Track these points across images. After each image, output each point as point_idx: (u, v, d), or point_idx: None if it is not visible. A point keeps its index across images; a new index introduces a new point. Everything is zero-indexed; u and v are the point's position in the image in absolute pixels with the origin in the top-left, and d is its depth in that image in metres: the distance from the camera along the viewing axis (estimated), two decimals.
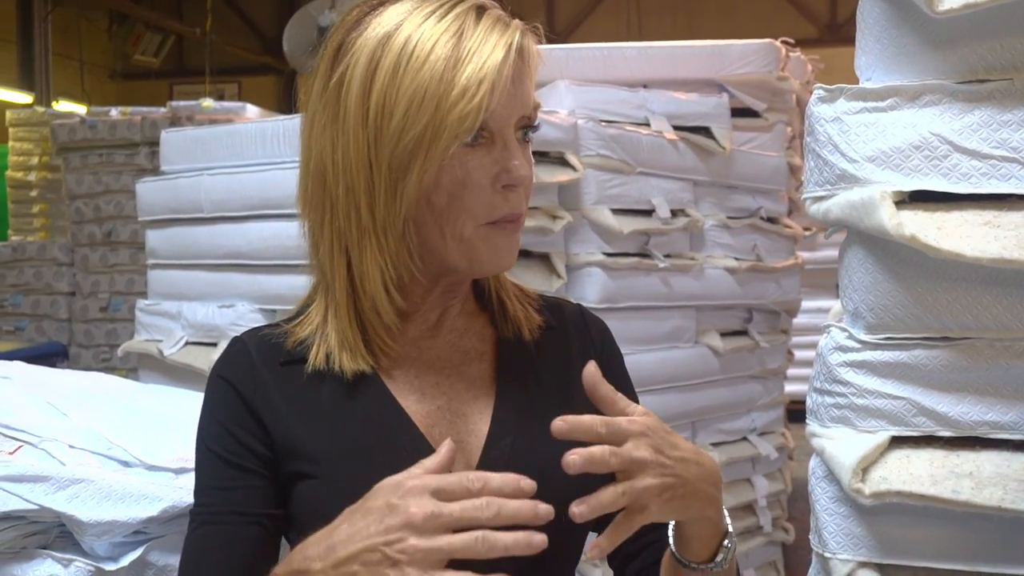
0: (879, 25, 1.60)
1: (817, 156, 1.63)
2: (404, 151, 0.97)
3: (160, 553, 1.84)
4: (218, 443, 1.07)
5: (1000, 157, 1.49)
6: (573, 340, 1.18)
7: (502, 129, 1.00)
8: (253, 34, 13.48)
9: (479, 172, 1.00)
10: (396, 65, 0.97)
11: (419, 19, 0.98)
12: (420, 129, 0.96)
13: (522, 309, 1.15)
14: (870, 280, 1.60)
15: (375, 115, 0.98)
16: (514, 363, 1.12)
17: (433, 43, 0.96)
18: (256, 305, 3.27)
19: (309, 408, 1.05)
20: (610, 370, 1.13)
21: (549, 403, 1.09)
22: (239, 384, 1.07)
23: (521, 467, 1.00)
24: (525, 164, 1.02)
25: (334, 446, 1.04)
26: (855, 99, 1.59)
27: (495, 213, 1.01)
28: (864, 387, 1.59)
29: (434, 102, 0.95)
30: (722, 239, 3.32)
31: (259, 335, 1.11)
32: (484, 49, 0.96)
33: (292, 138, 3.19)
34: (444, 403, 1.08)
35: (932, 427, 1.57)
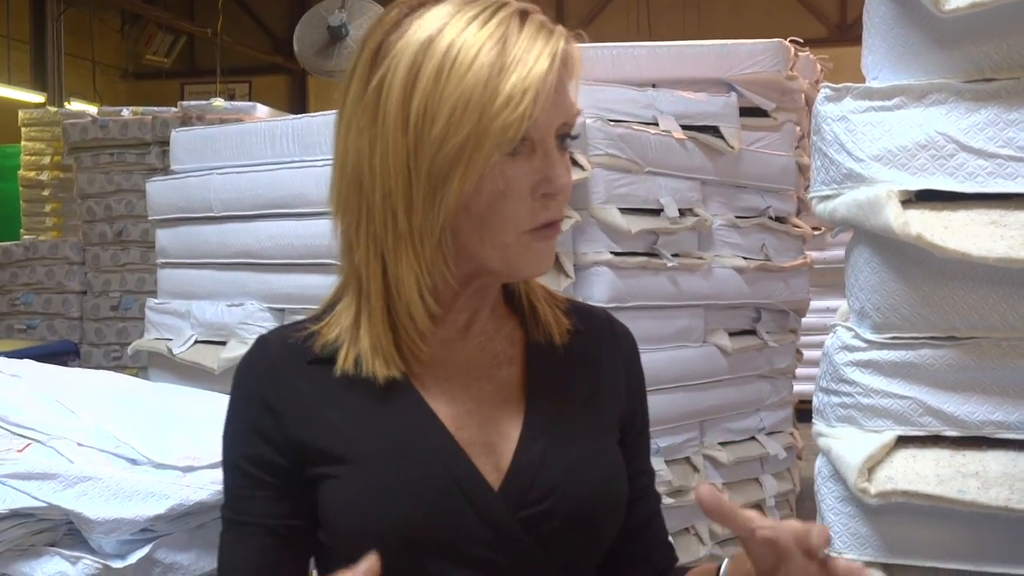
0: (885, 24, 1.60)
1: (823, 155, 1.63)
2: (445, 159, 0.95)
3: (167, 551, 1.85)
4: (237, 451, 1.06)
5: (1006, 156, 1.49)
6: (602, 346, 1.16)
7: (544, 138, 0.98)
8: (264, 34, 13.50)
9: (520, 181, 0.98)
10: (439, 70, 0.94)
11: (462, 24, 0.95)
12: (463, 137, 0.94)
13: (552, 313, 1.13)
14: (876, 279, 1.59)
15: (416, 121, 0.95)
16: (544, 367, 1.11)
17: (478, 49, 0.94)
18: (265, 304, 3.28)
19: (337, 410, 1.04)
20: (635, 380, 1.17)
21: (579, 410, 1.09)
22: (261, 386, 1.05)
23: (551, 471, 1.03)
24: (565, 172, 1.00)
25: (363, 448, 1.02)
26: (861, 98, 1.59)
27: (535, 221, 0.99)
28: (870, 386, 1.59)
29: (478, 110, 0.93)
30: (730, 238, 3.31)
31: (285, 334, 1.09)
32: (529, 57, 0.94)
33: (301, 138, 3.20)
34: (473, 406, 1.07)
35: (938, 427, 1.57)
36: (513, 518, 1.01)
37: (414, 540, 0.99)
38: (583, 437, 1.08)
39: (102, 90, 12.03)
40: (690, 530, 3.15)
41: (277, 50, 12.95)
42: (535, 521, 1.01)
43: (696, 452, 3.16)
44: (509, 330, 1.12)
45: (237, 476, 1.06)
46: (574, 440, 1.06)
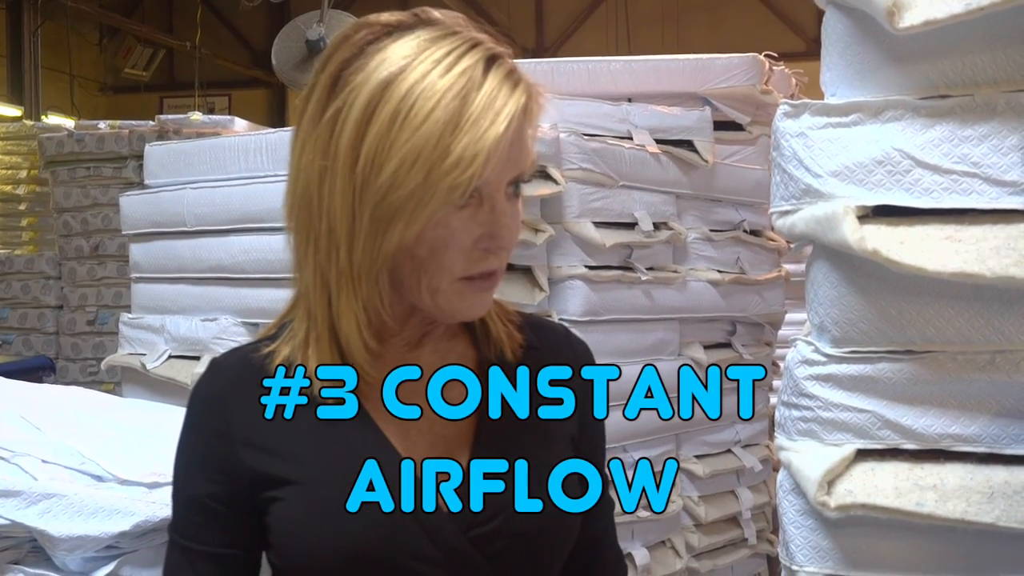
0: (842, 41, 1.62)
1: (783, 171, 1.65)
2: (389, 207, 0.95)
3: (132, 568, 1.85)
4: (189, 479, 1.08)
5: (961, 172, 1.51)
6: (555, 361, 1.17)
7: (492, 193, 0.98)
8: (243, 48, 13.50)
9: (463, 233, 0.97)
10: (394, 117, 0.93)
11: (425, 67, 0.94)
12: (408, 191, 0.93)
13: (504, 330, 1.14)
14: (835, 294, 1.61)
15: (364, 165, 0.95)
16: (497, 379, 1.11)
17: (435, 102, 0.92)
18: (239, 319, 3.28)
19: (287, 431, 1.05)
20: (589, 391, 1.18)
21: (531, 420, 1.10)
22: (212, 414, 1.06)
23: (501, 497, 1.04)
24: (511, 227, 1.00)
25: (311, 469, 1.04)
26: (819, 114, 1.61)
27: (472, 270, 0.99)
28: (830, 400, 1.61)
29: (426, 168, 0.92)
30: (705, 252, 3.33)
31: (239, 356, 1.10)
32: (485, 118, 0.93)
33: (275, 152, 3.20)
34: (424, 425, 1.07)
35: (897, 440, 1.59)
36: (463, 538, 1.02)
37: (362, 562, 1.00)
38: (534, 450, 1.08)
39: (80, 104, 12.01)
40: (666, 543, 3.16)
41: (256, 64, 12.96)
42: (486, 540, 1.02)
43: None
44: (462, 348, 1.12)
45: (185, 502, 1.08)
46: (525, 454, 1.07)
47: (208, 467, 1.06)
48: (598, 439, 1.20)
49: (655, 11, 11.70)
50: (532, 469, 1.07)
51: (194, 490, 1.07)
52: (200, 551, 1.06)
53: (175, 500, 1.09)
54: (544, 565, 1.08)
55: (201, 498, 1.06)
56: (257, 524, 1.05)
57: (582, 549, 1.15)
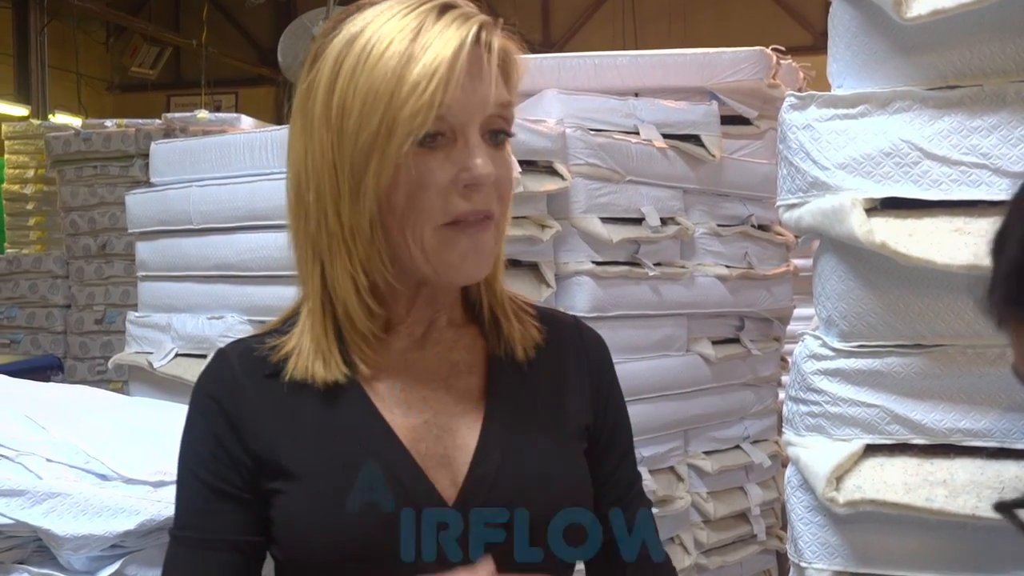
0: (849, 32, 1.61)
1: (789, 164, 1.64)
2: (361, 151, 0.97)
3: (138, 567, 1.84)
4: (199, 465, 1.06)
5: (970, 163, 1.51)
6: (568, 355, 1.16)
7: (463, 127, 0.98)
8: (250, 45, 13.53)
9: (438, 172, 0.98)
10: (355, 65, 0.97)
11: (383, 20, 0.98)
12: (374, 127, 0.96)
13: (518, 327, 1.12)
14: (843, 288, 1.61)
15: (336, 116, 0.98)
16: (505, 378, 1.10)
17: (389, 41, 0.96)
18: (245, 316, 3.28)
19: (291, 424, 1.04)
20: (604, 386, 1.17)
21: (540, 421, 1.09)
22: (221, 400, 1.06)
23: (508, 486, 1.03)
24: (488, 163, 0.99)
25: (316, 460, 1.03)
26: (826, 106, 1.61)
27: (453, 212, 0.98)
28: (838, 395, 1.60)
29: (386, 98, 0.95)
30: (713, 247, 3.32)
31: (243, 347, 1.10)
32: (438, 44, 0.95)
33: (280, 149, 3.18)
34: (431, 416, 1.06)
35: (906, 435, 1.58)
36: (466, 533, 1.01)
37: (366, 557, 0.99)
38: (543, 449, 1.07)
39: (87, 103, 12.03)
40: (675, 540, 3.16)
41: (263, 61, 12.98)
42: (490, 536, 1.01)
43: (680, 461, 3.17)
44: (470, 339, 1.11)
45: (199, 490, 1.06)
46: (533, 452, 1.06)
47: (214, 455, 1.05)
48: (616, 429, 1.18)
49: (662, 5, 11.68)
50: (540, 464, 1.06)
51: (200, 477, 1.06)
52: (202, 539, 1.05)
53: (179, 490, 1.09)
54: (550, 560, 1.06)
55: (207, 486, 1.05)
56: (262, 514, 1.05)
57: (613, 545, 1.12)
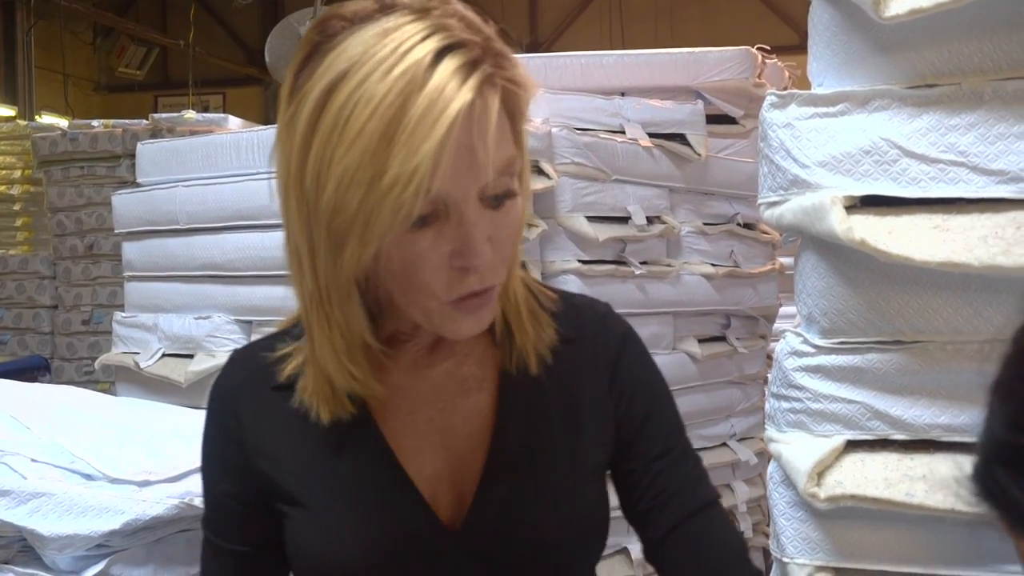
0: (829, 31, 1.62)
1: (770, 162, 1.65)
2: (338, 229, 0.85)
3: (123, 566, 1.85)
4: (210, 474, 1.06)
5: (948, 161, 1.51)
6: (590, 354, 1.06)
7: (456, 204, 0.85)
8: (237, 46, 13.48)
9: (432, 252, 0.86)
10: (332, 130, 0.83)
11: (367, 69, 0.82)
12: (351, 214, 0.83)
13: (533, 334, 1.02)
14: (823, 285, 1.61)
15: (310, 183, 0.85)
16: (516, 396, 1.02)
17: (371, 111, 0.81)
18: (232, 316, 3.28)
19: (294, 447, 1.00)
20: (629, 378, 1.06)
21: (553, 437, 1.02)
22: (227, 417, 1.04)
23: (513, 513, 0.98)
24: (485, 247, 0.87)
25: (316, 491, 1.00)
26: (806, 105, 1.61)
27: (454, 293, 0.88)
28: (819, 392, 1.61)
29: (363, 188, 0.82)
30: (699, 245, 3.33)
31: (253, 354, 1.04)
32: (423, 127, 0.80)
33: (266, 149, 3.18)
34: (437, 440, 1.01)
35: (886, 431, 1.59)
36: (471, 563, 0.97)
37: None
38: (554, 473, 1.01)
39: (74, 104, 11.98)
40: None
41: (251, 62, 12.93)
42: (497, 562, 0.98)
43: None
44: (481, 350, 1.03)
45: (210, 498, 1.06)
46: (543, 478, 1.00)
47: (225, 467, 1.04)
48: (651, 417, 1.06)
49: (648, 5, 11.68)
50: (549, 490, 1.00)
51: (215, 487, 1.05)
52: (223, 547, 1.05)
53: (203, 494, 1.08)
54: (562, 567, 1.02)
55: (221, 496, 1.04)
56: (276, 525, 1.02)
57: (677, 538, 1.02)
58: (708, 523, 1.03)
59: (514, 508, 0.98)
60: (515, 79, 0.88)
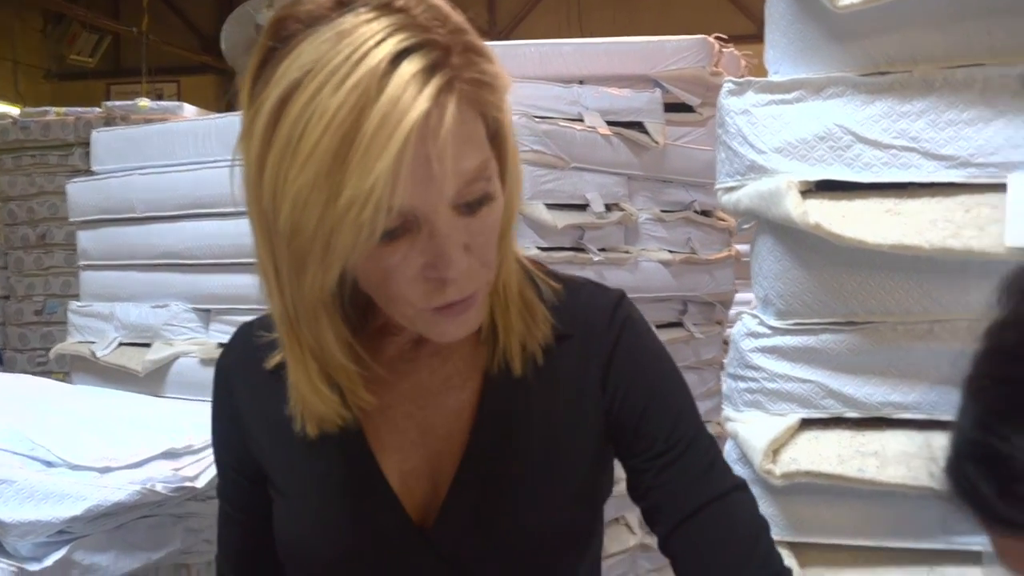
0: (785, 20, 1.65)
1: (727, 148, 1.67)
2: (297, 252, 0.81)
3: (85, 552, 1.85)
4: (216, 445, 1.11)
5: (900, 147, 1.54)
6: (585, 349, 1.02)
7: (428, 217, 0.80)
8: (191, 33, 13.33)
9: (403, 266, 0.83)
10: (286, 147, 0.77)
11: (320, 80, 0.76)
12: (309, 236, 0.78)
13: (523, 332, 0.98)
14: (779, 268, 1.64)
15: (267, 203, 0.81)
16: (497, 399, 0.99)
17: (324, 127, 0.76)
18: (190, 304, 3.27)
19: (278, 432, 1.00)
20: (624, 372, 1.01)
21: (532, 443, 0.99)
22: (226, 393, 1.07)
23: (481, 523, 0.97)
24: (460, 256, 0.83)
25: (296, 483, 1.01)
26: (763, 92, 1.64)
27: (432, 303, 0.85)
28: (774, 371, 1.64)
29: (318, 209, 0.77)
30: (656, 232, 3.36)
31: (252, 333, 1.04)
32: (378, 141, 0.75)
33: (224, 137, 3.19)
34: (417, 437, 0.99)
35: (839, 409, 1.62)
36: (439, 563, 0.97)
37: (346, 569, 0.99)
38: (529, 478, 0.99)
39: (25, 91, 11.81)
40: (620, 520, 3.20)
41: (205, 49, 12.79)
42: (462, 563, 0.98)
43: None
44: (469, 347, 1.00)
45: (220, 469, 1.11)
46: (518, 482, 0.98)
47: (227, 442, 1.09)
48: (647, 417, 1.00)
49: None
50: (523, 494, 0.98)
51: (219, 458, 1.10)
52: (233, 515, 1.11)
53: (215, 463, 1.13)
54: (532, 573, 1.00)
55: (226, 468, 1.09)
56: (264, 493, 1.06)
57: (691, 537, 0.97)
58: (717, 517, 0.97)
59: (484, 511, 0.97)
60: (483, 75, 0.83)
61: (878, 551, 1.59)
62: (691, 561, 0.97)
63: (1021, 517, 0.65)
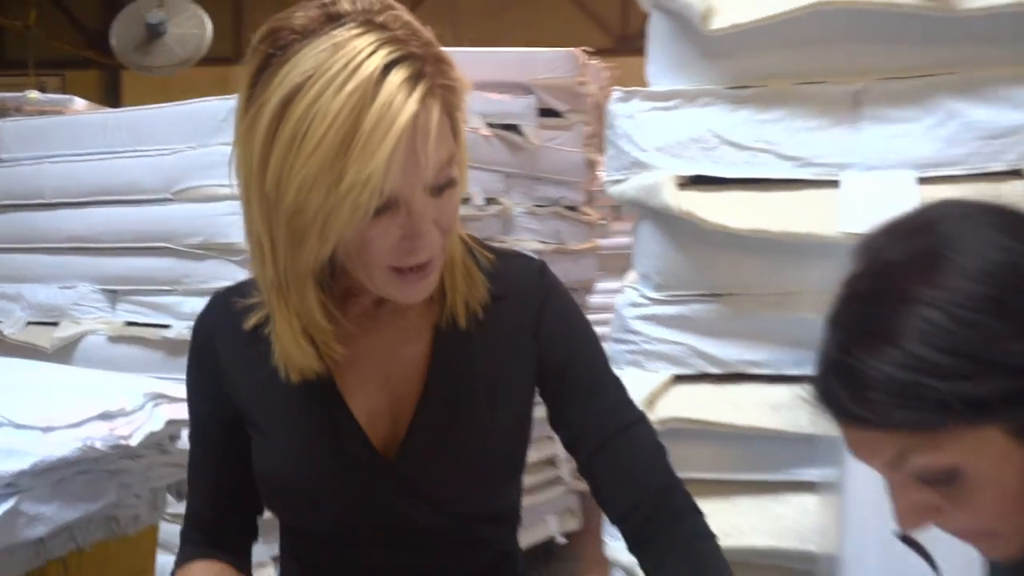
0: (665, 39, 1.80)
1: (615, 146, 1.82)
2: (298, 228, 0.89)
3: (31, 503, 1.85)
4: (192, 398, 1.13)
5: (758, 148, 1.72)
6: (519, 312, 1.09)
7: (407, 199, 0.89)
8: (76, 29, 12.83)
9: (384, 237, 0.91)
10: (291, 140, 0.85)
11: (321, 85, 0.84)
12: (312, 214, 0.87)
13: (465, 292, 1.06)
14: (658, 248, 1.80)
15: (271, 187, 0.88)
16: (447, 347, 1.07)
17: (328, 124, 0.84)
18: (97, 285, 3.25)
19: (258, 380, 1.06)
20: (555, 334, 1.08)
21: (478, 386, 1.06)
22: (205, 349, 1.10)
23: (438, 453, 1.04)
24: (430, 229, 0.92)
25: (274, 421, 1.06)
26: (646, 100, 1.79)
27: (401, 264, 0.93)
28: (652, 336, 1.80)
29: (323, 192, 0.85)
30: (530, 225, 3.50)
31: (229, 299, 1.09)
32: (376, 137, 0.84)
33: (131, 129, 3.17)
34: (380, 382, 1.06)
35: (705, 367, 1.79)
36: (400, 484, 1.04)
37: (313, 502, 1.06)
38: (476, 416, 1.06)
39: None
40: None
41: (90, 45, 12.34)
42: (422, 485, 1.05)
43: None
44: (422, 306, 1.07)
45: (193, 418, 1.14)
46: (467, 419, 1.05)
47: (206, 392, 1.12)
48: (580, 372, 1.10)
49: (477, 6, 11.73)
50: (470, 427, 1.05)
51: (198, 409, 1.13)
52: (205, 459, 1.14)
53: (188, 413, 1.15)
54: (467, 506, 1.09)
55: (203, 416, 1.13)
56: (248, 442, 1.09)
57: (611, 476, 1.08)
58: (628, 442, 1.08)
59: (440, 443, 1.04)
60: (452, 82, 0.91)
61: (735, 483, 1.77)
62: (608, 479, 1.07)
63: (868, 415, 0.77)
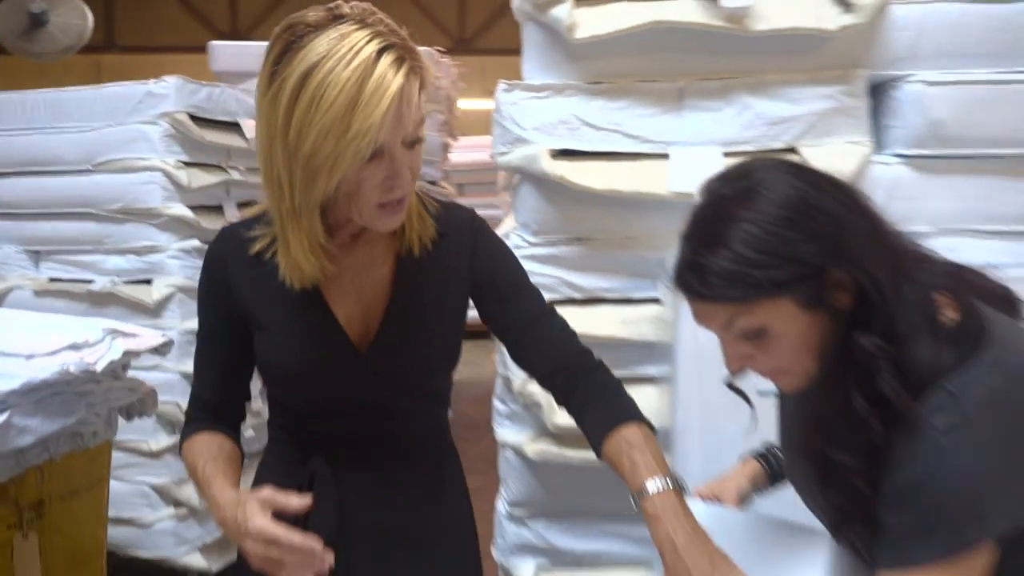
0: (538, 45, 2.09)
1: (501, 126, 2.12)
2: (312, 167, 1.04)
3: (20, 417, 2.00)
4: (203, 305, 1.26)
5: (610, 129, 2.04)
6: (458, 244, 1.24)
7: (391, 148, 1.06)
8: None
9: (372, 178, 1.07)
10: (311, 102, 1.02)
11: (332, 63, 1.01)
12: (325, 156, 1.03)
13: (418, 227, 1.22)
14: (535, 203, 2.11)
15: (293, 138, 1.04)
16: (406, 269, 1.21)
17: (339, 90, 1.01)
18: (22, 247, 3.31)
19: (262, 291, 1.19)
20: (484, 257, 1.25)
21: (429, 301, 1.22)
22: (218, 266, 1.23)
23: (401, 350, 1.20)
24: (409, 168, 1.09)
25: (274, 320, 1.20)
26: (526, 91, 2.08)
27: (383, 199, 1.10)
28: (531, 271, 2.01)
29: (335, 138, 1.01)
30: None
31: (234, 232, 1.23)
32: (375, 100, 1.01)
33: (51, 108, 3.23)
34: (356, 295, 1.19)
35: (571, 293, 2.10)
36: (370, 371, 1.21)
37: (304, 383, 1.22)
38: (429, 321, 1.23)
39: None
40: None
41: None
42: (386, 372, 1.22)
43: None
44: (388, 238, 1.23)
45: (201, 321, 1.28)
46: (422, 324, 1.23)
47: (215, 302, 1.26)
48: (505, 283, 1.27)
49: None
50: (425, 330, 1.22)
51: (206, 315, 1.27)
52: (212, 353, 1.28)
53: (198, 316, 1.29)
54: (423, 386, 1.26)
55: (213, 318, 1.27)
56: (248, 343, 1.24)
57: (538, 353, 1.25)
58: (547, 324, 1.28)
59: (401, 341, 1.21)
60: (423, 67, 1.10)
61: None
62: (535, 351, 1.25)
63: (709, 293, 0.97)
